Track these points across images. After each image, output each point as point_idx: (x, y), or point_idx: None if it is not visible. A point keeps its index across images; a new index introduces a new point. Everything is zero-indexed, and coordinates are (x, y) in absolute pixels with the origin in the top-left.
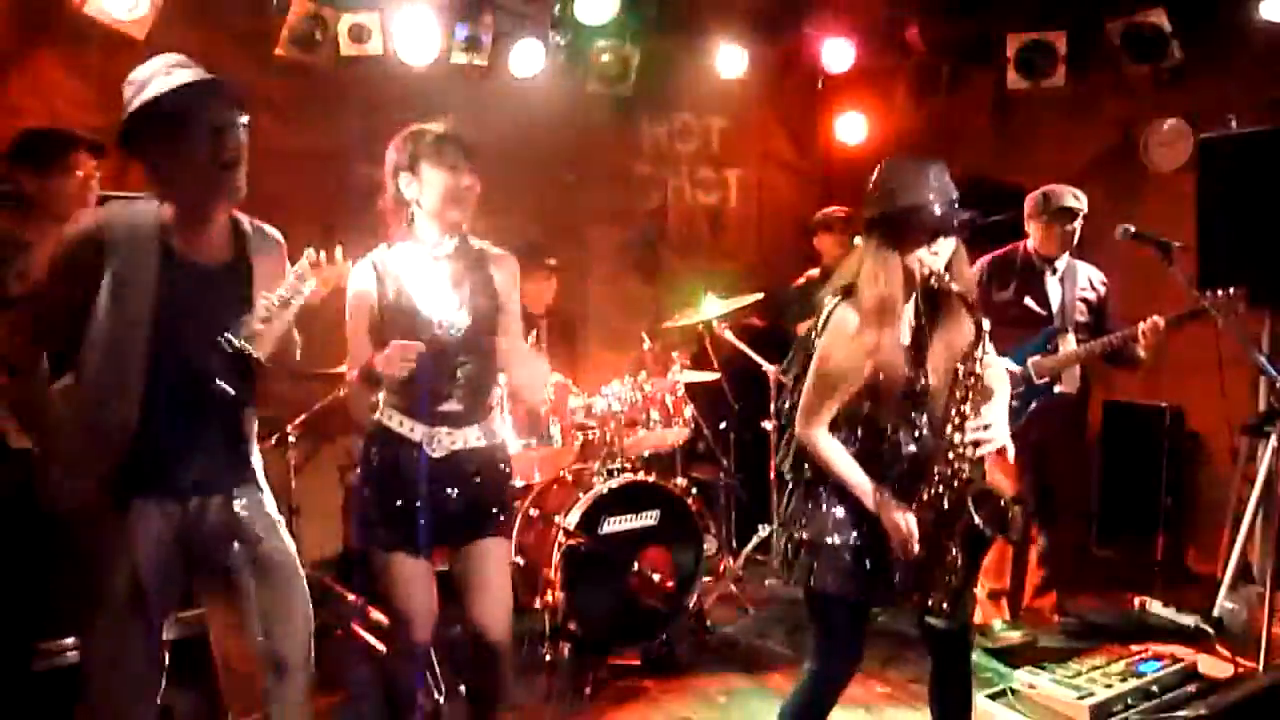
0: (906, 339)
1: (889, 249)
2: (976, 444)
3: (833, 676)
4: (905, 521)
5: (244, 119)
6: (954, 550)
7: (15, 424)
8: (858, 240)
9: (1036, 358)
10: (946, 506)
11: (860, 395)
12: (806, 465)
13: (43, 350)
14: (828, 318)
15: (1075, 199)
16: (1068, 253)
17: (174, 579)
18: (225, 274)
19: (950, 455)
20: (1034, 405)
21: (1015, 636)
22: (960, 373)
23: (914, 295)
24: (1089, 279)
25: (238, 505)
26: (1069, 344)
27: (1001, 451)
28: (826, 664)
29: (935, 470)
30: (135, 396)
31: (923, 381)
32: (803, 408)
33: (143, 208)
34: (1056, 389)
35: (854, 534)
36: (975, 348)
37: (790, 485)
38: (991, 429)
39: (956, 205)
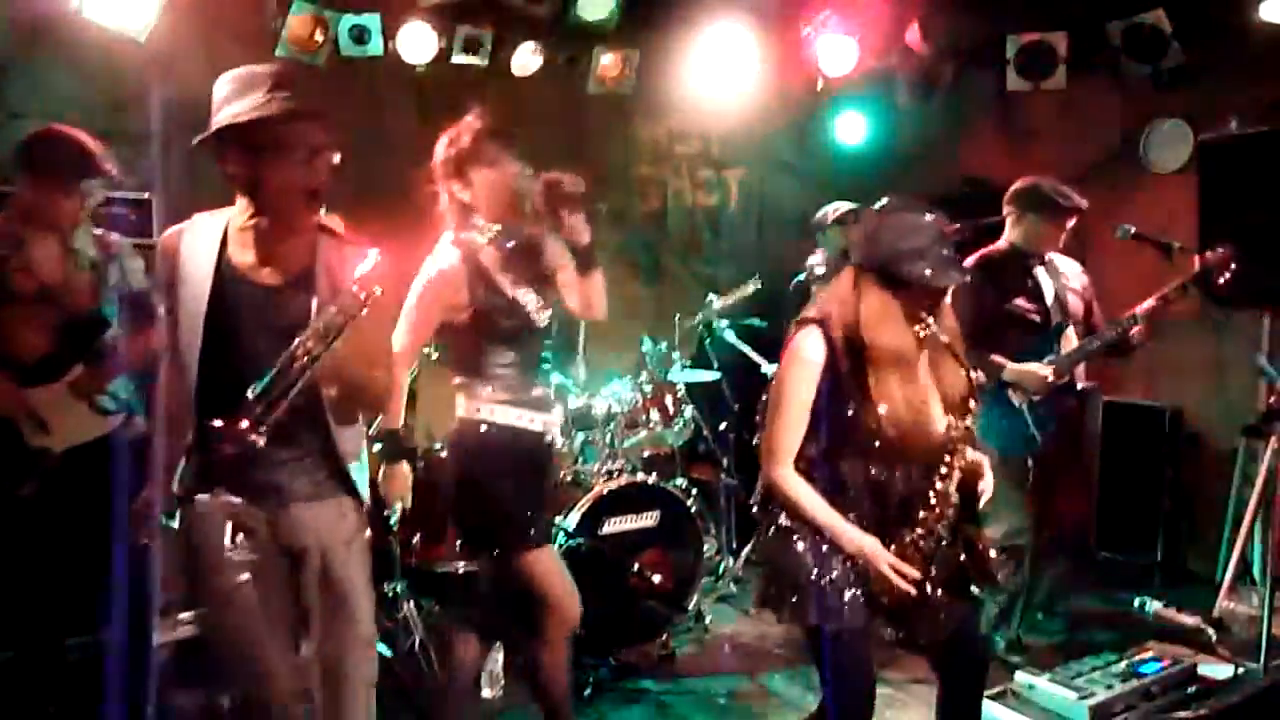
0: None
1: (888, 296)
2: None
3: (843, 712)
4: (891, 564)
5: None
6: (938, 596)
7: (33, 422)
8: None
9: (1052, 358)
10: (932, 553)
11: (819, 436)
12: (775, 504)
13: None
14: (787, 346)
15: (1079, 197)
16: None
17: (265, 575)
18: (281, 293)
19: (934, 503)
20: (1057, 409)
21: (1017, 659)
22: (953, 425)
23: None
24: (1070, 271)
25: (311, 517)
26: (1070, 339)
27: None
28: (834, 698)
29: (920, 516)
30: (189, 401)
31: (891, 431)
32: (766, 447)
33: (213, 219)
34: (1079, 386)
35: (834, 571)
36: (969, 401)
37: (760, 523)
38: (983, 480)
39: (952, 259)
